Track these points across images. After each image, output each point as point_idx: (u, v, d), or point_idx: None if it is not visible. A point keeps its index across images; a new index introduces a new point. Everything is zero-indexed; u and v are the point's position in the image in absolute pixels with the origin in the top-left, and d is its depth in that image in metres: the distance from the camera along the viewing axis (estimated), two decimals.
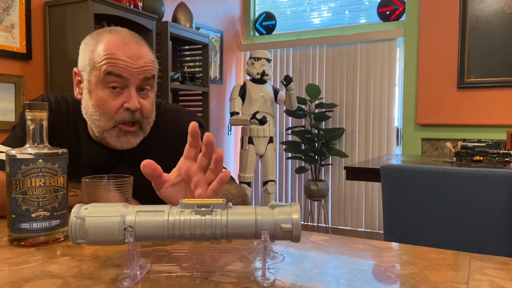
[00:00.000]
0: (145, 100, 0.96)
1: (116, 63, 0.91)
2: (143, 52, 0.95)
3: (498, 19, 3.23)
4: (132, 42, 0.94)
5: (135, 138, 0.98)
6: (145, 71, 0.94)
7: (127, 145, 0.97)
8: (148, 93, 0.98)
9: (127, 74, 0.92)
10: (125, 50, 0.92)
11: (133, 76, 0.93)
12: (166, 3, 3.29)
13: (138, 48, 0.94)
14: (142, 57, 0.94)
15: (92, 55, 0.94)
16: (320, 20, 4.10)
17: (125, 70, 0.92)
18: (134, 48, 0.93)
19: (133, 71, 0.92)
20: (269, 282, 0.56)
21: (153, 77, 0.97)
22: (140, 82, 0.94)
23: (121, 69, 0.91)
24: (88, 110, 0.97)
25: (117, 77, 0.92)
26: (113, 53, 0.91)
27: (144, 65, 0.94)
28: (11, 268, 0.62)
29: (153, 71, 0.97)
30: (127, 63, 0.92)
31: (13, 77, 2.25)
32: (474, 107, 3.36)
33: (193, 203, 0.57)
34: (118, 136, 0.96)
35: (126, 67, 0.91)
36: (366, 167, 2.04)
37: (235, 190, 0.97)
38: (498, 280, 0.58)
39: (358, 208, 3.88)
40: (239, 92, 3.56)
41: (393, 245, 0.77)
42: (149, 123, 1.00)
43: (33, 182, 0.71)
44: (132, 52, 0.93)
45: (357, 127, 3.86)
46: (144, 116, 0.97)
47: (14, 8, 2.24)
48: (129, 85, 0.93)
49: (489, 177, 1.36)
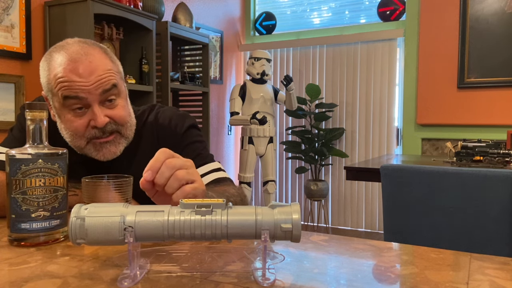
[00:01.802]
0: (113, 110, 0.93)
1: (70, 86, 0.88)
2: (94, 65, 0.90)
3: (498, 19, 3.23)
4: (81, 58, 0.89)
5: (116, 147, 0.95)
6: (101, 85, 0.90)
7: (109, 155, 0.95)
8: (115, 102, 0.94)
9: (83, 94, 0.89)
10: (74, 69, 0.88)
11: (90, 94, 0.89)
12: (166, 3, 3.29)
13: (89, 63, 0.89)
14: (94, 71, 0.89)
15: (48, 80, 0.92)
16: (320, 20, 4.09)
17: (81, 90, 0.88)
18: (84, 64, 0.89)
19: (88, 89, 0.88)
20: (269, 282, 0.56)
21: (114, 86, 0.93)
22: (100, 97, 0.91)
23: (76, 91, 0.88)
24: (63, 133, 0.96)
25: (75, 99, 0.89)
26: (63, 75, 0.88)
27: (98, 79, 0.89)
28: (11, 268, 0.62)
29: (112, 80, 0.92)
30: (80, 83, 0.88)
31: (13, 77, 2.25)
32: (474, 107, 3.35)
33: (193, 203, 0.57)
34: (97, 150, 0.94)
35: (80, 87, 0.88)
36: (366, 167, 2.04)
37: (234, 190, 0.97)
38: (498, 280, 0.58)
39: (358, 208, 3.88)
40: (239, 92, 3.56)
41: (393, 245, 0.77)
42: (129, 128, 0.97)
43: (33, 182, 0.71)
44: (83, 69, 0.88)
45: (357, 127, 3.86)
46: (120, 123, 0.95)
47: (14, 8, 2.24)
48: (90, 103, 0.90)
49: (489, 177, 1.36)
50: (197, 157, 1.01)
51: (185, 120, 1.08)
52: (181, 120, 1.08)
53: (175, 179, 0.67)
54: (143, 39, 2.70)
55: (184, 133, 1.07)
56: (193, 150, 1.03)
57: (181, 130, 1.06)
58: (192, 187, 0.69)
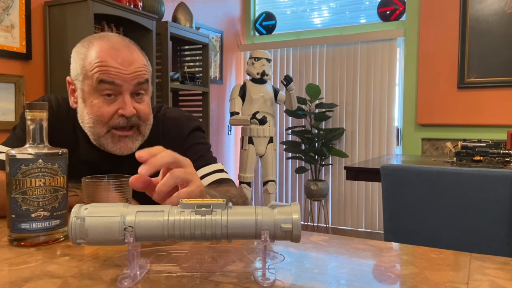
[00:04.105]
0: (140, 104, 0.96)
1: (108, 71, 0.90)
2: (135, 57, 0.94)
3: (498, 19, 3.23)
4: (123, 48, 0.93)
5: (133, 143, 0.97)
6: (137, 76, 0.93)
7: (125, 150, 0.96)
8: (143, 97, 0.97)
9: (119, 81, 0.91)
10: (116, 56, 0.91)
11: (126, 82, 0.92)
12: (166, 3, 3.29)
13: (129, 54, 0.93)
14: (134, 62, 0.93)
15: (83, 64, 0.93)
16: (320, 20, 4.09)
17: (118, 77, 0.91)
18: (125, 54, 0.93)
19: (125, 77, 0.92)
20: (269, 282, 0.56)
21: (147, 81, 0.97)
22: (133, 88, 0.94)
23: (113, 76, 0.91)
24: (84, 119, 0.96)
25: (110, 84, 0.91)
26: (104, 60, 0.91)
27: (136, 70, 0.93)
28: (11, 268, 0.62)
29: (146, 75, 0.96)
30: (119, 70, 0.91)
31: (13, 77, 2.25)
32: (474, 107, 3.35)
33: (193, 203, 0.57)
34: (114, 142, 0.95)
35: (118, 74, 0.91)
36: (366, 167, 2.04)
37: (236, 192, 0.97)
38: (498, 280, 0.58)
39: (358, 208, 3.88)
40: (239, 92, 3.56)
41: (393, 245, 0.77)
42: (147, 126, 0.99)
43: (33, 182, 0.71)
44: (123, 58, 0.92)
45: (357, 127, 3.86)
46: (142, 119, 0.97)
47: (14, 8, 2.24)
48: (122, 91, 0.93)
49: (489, 177, 1.36)
50: (200, 158, 1.03)
51: (190, 122, 1.10)
52: (187, 122, 1.09)
53: (171, 176, 0.67)
54: (143, 39, 2.70)
55: (189, 134, 1.09)
56: (197, 152, 1.05)
57: (186, 132, 1.09)
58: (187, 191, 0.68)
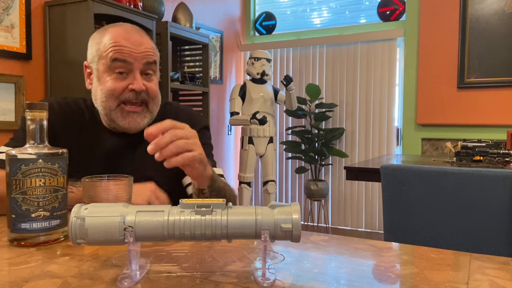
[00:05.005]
0: (149, 83, 1.06)
1: (121, 50, 1.01)
2: (144, 40, 1.06)
3: (498, 19, 3.23)
4: (134, 32, 1.06)
5: (141, 119, 1.06)
6: (147, 56, 1.04)
7: (133, 124, 1.05)
8: (152, 77, 1.08)
9: (131, 59, 1.02)
10: (127, 38, 1.03)
11: (136, 61, 1.03)
12: (166, 3, 3.29)
13: (140, 37, 1.05)
14: (143, 43, 1.05)
15: (98, 46, 1.05)
16: (320, 20, 4.09)
17: (129, 55, 1.02)
18: (135, 37, 1.04)
19: (136, 56, 1.02)
20: (269, 282, 0.56)
21: (155, 62, 1.08)
22: (143, 67, 1.04)
23: (125, 55, 1.02)
24: (97, 95, 1.06)
25: (122, 62, 1.02)
26: (117, 41, 1.02)
27: (145, 50, 1.04)
28: (11, 268, 0.62)
29: (154, 57, 1.07)
30: (130, 49, 1.02)
31: (13, 77, 2.25)
32: (474, 107, 3.35)
33: (193, 203, 0.57)
34: (123, 117, 1.04)
35: (129, 53, 1.02)
36: (366, 167, 2.04)
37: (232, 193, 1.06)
38: (498, 280, 0.58)
39: (358, 208, 3.88)
40: (239, 92, 3.55)
41: (393, 245, 0.77)
42: (155, 104, 1.09)
43: (33, 182, 0.71)
44: (134, 39, 1.03)
45: (357, 127, 3.86)
46: (150, 96, 1.06)
47: (14, 8, 2.24)
48: (133, 69, 1.03)
49: (489, 177, 1.36)
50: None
51: (202, 120, 1.22)
52: (199, 118, 1.22)
53: (174, 145, 0.77)
54: None
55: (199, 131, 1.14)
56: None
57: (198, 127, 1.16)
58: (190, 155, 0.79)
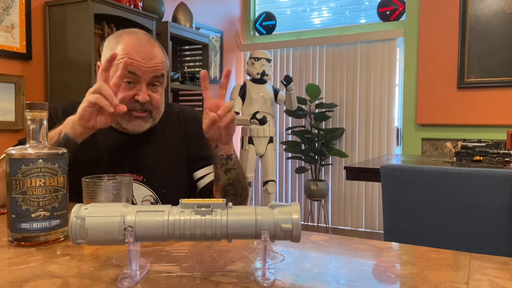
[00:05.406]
0: (154, 94, 1.13)
1: (131, 63, 1.06)
2: (155, 53, 1.11)
3: (498, 19, 3.23)
4: (146, 44, 1.11)
5: (145, 123, 1.13)
6: (155, 70, 1.10)
7: (137, 127, 1.13)
8: (157, 88, 1.14)
9: (139, 72, 1.08)
10: (139, 51, 1.08)
11: (144, 74, 1.08)
12: (166, 3, 3.29)
13: (151, 50, 1.11)
14: (154, 58, 1.10)
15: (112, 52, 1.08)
16: (320, 20, 4.09)
17: (138, 69, 1.07)
18: (147, 50, 1.09)
19: (144, 70, 1.08)
20: (269, 282, 0.56)
21: (162, 75, 1.14)
22: (150, 79, 1.10)
23: (135, 68, 1.07)
24: None
25: (131, 74, 1.07)
26: (129, 53, 1.07)
27: (154, 65, 1.10)
28: (11, 268, 0.62)
29: (163, 71, 1.13)
30: (140, 63, 1.07)
31: (13, 77, 2.25)
32: (474, 107, 3.35)
33: (193, 203, 0.57)
34: (128, 121, 1.11)
35: (139, 67, 1.07)
36: (366, 167, 2.04)
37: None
38: (498, 280, 0.58)
39: (358, 208, 3.88)
40: (239, 92, 3.56)
41: (393, 245, 0.77)
42: (158, 112, 1.16)
43: (33, 182, 0.71)
44: (145, 54, 1.08)
45: (357, 127, 3.86)
46: (154, 106, 1.13)
47: (14, 8, 2.24)
48: (141, 81, 1.09)
49: (489, 177, 1.36)
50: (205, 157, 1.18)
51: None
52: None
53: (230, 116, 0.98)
54: None
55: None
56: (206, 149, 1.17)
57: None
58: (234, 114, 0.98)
